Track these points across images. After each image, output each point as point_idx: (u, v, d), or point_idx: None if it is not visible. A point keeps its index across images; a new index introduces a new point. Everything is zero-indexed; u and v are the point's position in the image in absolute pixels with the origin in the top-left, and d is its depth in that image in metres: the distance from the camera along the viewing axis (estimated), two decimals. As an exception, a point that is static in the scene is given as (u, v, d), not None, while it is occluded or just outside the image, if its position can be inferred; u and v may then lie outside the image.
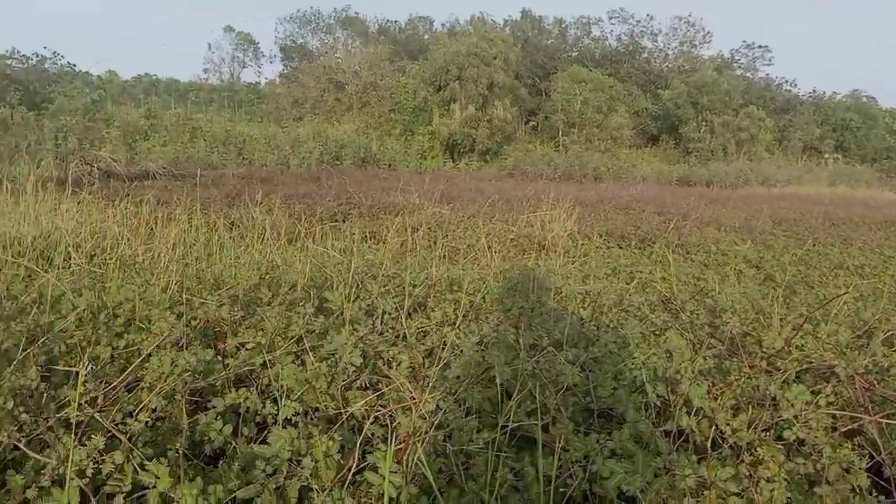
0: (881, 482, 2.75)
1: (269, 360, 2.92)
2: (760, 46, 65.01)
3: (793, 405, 2.70)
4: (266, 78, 76.01)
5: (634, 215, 15.22)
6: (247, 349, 3.02)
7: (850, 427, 2.95)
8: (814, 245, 11.44)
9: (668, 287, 4.94)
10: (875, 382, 3.13)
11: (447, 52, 47.53)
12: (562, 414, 2.78)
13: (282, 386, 2.78)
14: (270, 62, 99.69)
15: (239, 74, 73.52)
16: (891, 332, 3.93)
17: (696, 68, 60.82)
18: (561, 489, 2.33)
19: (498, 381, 2.80)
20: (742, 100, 55.10)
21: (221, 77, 72.68)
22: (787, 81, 65.92)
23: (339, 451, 2.33)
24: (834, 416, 2.96)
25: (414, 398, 2.57)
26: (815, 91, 67.21)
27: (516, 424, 2.61)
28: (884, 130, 64.68)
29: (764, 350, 3.29)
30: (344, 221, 11.86)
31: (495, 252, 7.64)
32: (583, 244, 10.63)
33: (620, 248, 11.14)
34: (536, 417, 2.75)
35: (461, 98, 46.58)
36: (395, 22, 75.25)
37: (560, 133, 50.14)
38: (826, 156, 57.42)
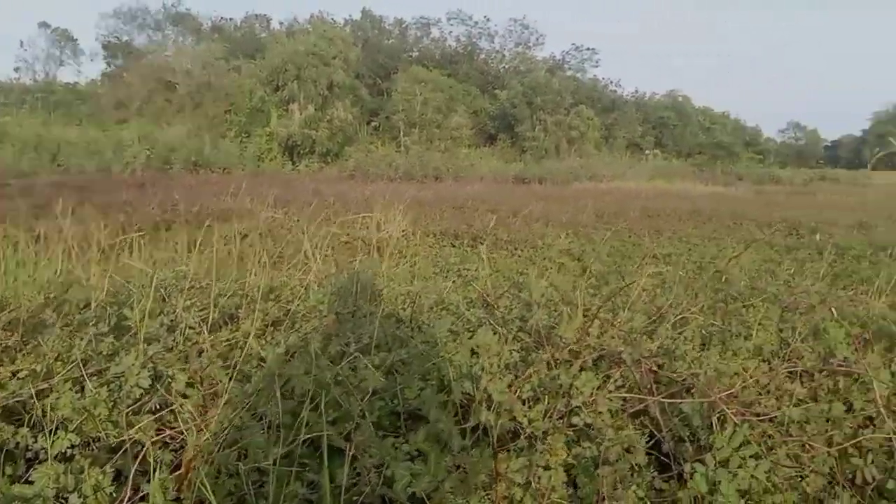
0: (663, 457, 2.98)
1: (46, 389, 2.67)
2: (588, 49, 69.23)
3: (582, 392, 2.85)
4: (87, 77, 70.54)
5: (469, 214, 15.63)
6: (19, 378, 2.75)
7: (636, 408, 3.18)
8: (630, 236, 12.30)
9: (483, 284, 5.10)
10: (659, 365, 3.40)
11: (285, 52, 46.56)
12: (365, 420, 2.77)
13: (58, 416, 2.56)
14: (91, 60, 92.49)
15: (55, 74, 67.53)
16: (681, 317, 4.28)
17: (531, 69, 63.72)
18: (354, 497, 2.31)
19: (298, 391, 2.74)
20: (573, 100, 58.37)
21: (36, 77, 66.45)
22: (612, 82, 70.67)
23: (113, 483, 2.17)
24: (624, 400, 3.17)
25: (195, 418, 2.46)
26: (637, 91, 72.67)
27: (315, 435, 2.57)
28: (696, 127, 71.06)
29: (564, 341, 3.47)
30: (167, 230, 11.22)
31: (326, 256, 7.54)
32: (416, 244, 10.76)
33: (454, 246, 11.39)
34: (340, 426, 2.72)
35: (300, 98, 45.78)
36: (231, 19, 72.75)
37: (401, 133, 50.56)
38: (647, 152, 62.22)
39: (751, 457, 2.62)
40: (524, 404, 2.92)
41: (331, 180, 32.47)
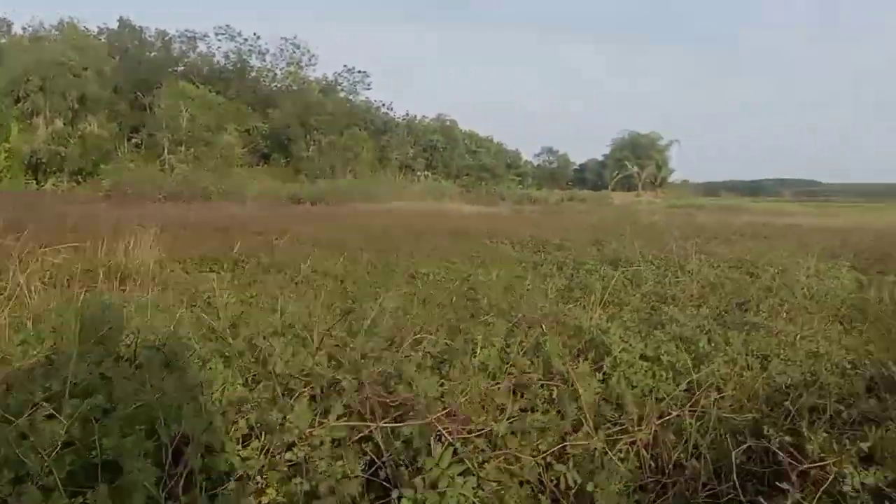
0: (385, 483, 2.99)
1: None
2: (360, 71, 70.14)
3: (297, 426, 2.78)
4: None
5: (234, 236, 15.00)
6: None
7: (362, 434, 3.17)
8: (395, 256, 12.55)
9: (224, 313, 4.87)
10: (389, 390, 3.43)
11: (29, 59, 41.69)
12: (52, 476, 2.48)
13: None
14: None
15: None
16: (417, 337, 4.39)
17: (304, 89, 63.16)
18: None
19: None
20: (346, 121, 58.87)
21: None
22: (384, 105, 72.15)
23: None
24: (353, 428, 3.15)
25: None
26: (407, 114, 74.89)
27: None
28: (463, 150, 75.04)
29: (288, 372, 3.38)
30: None
31: (51, 287, 6.77)
32: (171, 270, 10.10)
33: (213, 270, 10.83)
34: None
35: (46, 111, 41.23)
36: (-36, 22, 63.46)
37: (166, 151, 47.49)
38: (418, 173, 64.52)
39: (459, 474, 2.73)
40: (240, 442, 2.79)
41: (83, 201, 29.51)
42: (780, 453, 3.35)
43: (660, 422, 3.96)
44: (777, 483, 3.18)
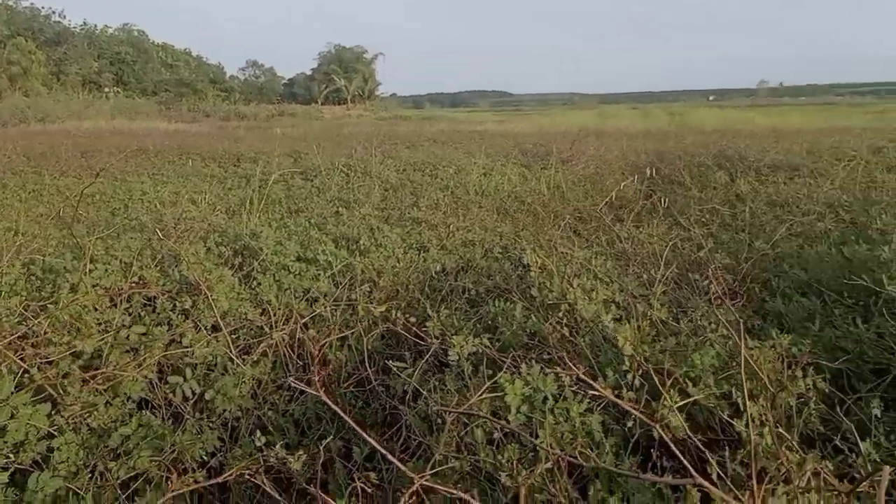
0: None
1: None
2: (16, -28, 59.67)
3: None
4: None
5: None
6: None
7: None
8: (57, 177, 11.01)
9: None
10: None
11: None
12: None
13: None
14: None
15: None
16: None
17: (-60, -11, 52.24)
18: None
19: None
20: (7, 31, 50.18)
21: None
22: (55, 12, 62.56)
23: None
24: None
25: None
26: (85, 24, 65.92)
27: None
28: (159, 64, 68.48)
29: None
30: None
31: None
32: None
33: None
34: None
35: None
36: None
37: None
38: (106, 90, 57.57)
39: (35, 401, 2.33)
40: None
41: None
42: (405, 334, 3.43)
43: (304, 321, 3.87)
44: (390, 362, 3.25)
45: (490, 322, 3.74)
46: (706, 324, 3.19)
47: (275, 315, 3.83)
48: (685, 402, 2.45)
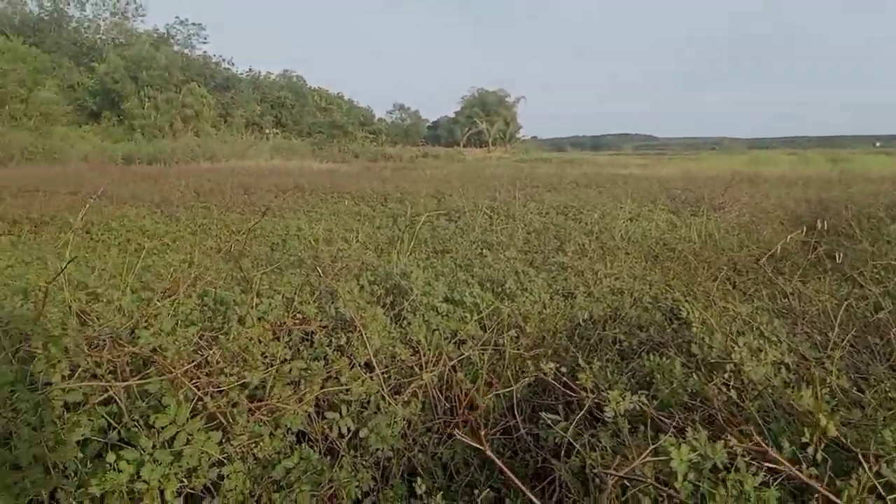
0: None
1: None
2: (194, 24, 66.05)
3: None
4: None
5: (46, 197, 13.64)
6: None
7: (104, 396, 2.80)
8: (223, 213, 11.88)
9: None
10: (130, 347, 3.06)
11: None
12: None
13: None
14: None
15: None
16: (189, 286, 4.02)
17: (132, 42, 58.53)
18: None
19: None
20: (183, 76, 55.30)
21: None
22: (224, 60, 68.45)
23: None
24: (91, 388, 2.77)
25: None
26: (251, 70, 71.61)
27: None
28: (314, 107, 72.98)
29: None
30: None
31: None
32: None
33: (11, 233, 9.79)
34: None
35: None
36: None
37: (-26, 109, 42.51)
38: (267, 131, 62.05)
39: (207, 429, 2.46)
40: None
41: None
42: (555, 384, 3.34)
43: (452, 363, 3.87)
44: (543, 413, 3.16)
45: (645, 378, 3.58)
46: (896, 395, 2.87)
47: (424, 355, 3.87)
48: (878, 481, 2.20)
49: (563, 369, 3.53)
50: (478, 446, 2.27)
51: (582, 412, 2.99)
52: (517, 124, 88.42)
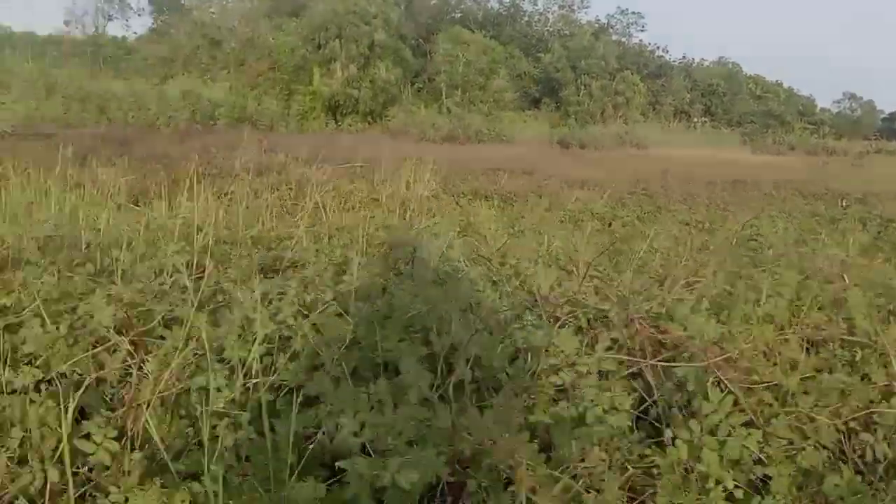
0: (656, 423, 2.80)
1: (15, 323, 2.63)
2: (634, 13, 66.99)
3: (562, 351, 2.70)
4: (135, 32, 70.88)
5: (502, 176, 15.39)
6: (-12, 313, 2.71)
7: (632, 370, 3.00)
8: (666, 202, 11.95)
9: (481, 238, 4.96)
10: (656, 327, 3.20)
11: (326, 10, 46.07)
12: (341, 368, 2.69)
13: (24, 350, 2.52)
14: (139, 15, 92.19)
15: (104, 28, 67.93)
16: (691, 280, 4.06)
17: (575, 33, 62.08)
18: (308, 445, 2.23)
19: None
20: (618, 64, 56.88)
21: (85, 30, 67.02)
22: (658, 48, 68.19)
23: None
24: (621, 362, 3.00)
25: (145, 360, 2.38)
26: (684, 57, 70.12)
27: (279, 381, 2.48)
28: (747, 96, 68.67)
29: (555, 298, 3.30)
30: (199, 183, 11.26)
31: (343, 210, 7.47)
32: (444, 202, 10.63)
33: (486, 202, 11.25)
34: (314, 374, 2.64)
35: (341, 57, 45.36)
36: (274, -23, 71.95)
37: (443, 95, 49.88)
38: (695, 120, 60.42)
39: (742, 425, 2.45)
40: (510, 362, 2.79)
41: (371, 140, 32.27)
42: None
43: None
44: None
45: None
46: None
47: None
48: None
49: None
50: None
51: None
52: None
